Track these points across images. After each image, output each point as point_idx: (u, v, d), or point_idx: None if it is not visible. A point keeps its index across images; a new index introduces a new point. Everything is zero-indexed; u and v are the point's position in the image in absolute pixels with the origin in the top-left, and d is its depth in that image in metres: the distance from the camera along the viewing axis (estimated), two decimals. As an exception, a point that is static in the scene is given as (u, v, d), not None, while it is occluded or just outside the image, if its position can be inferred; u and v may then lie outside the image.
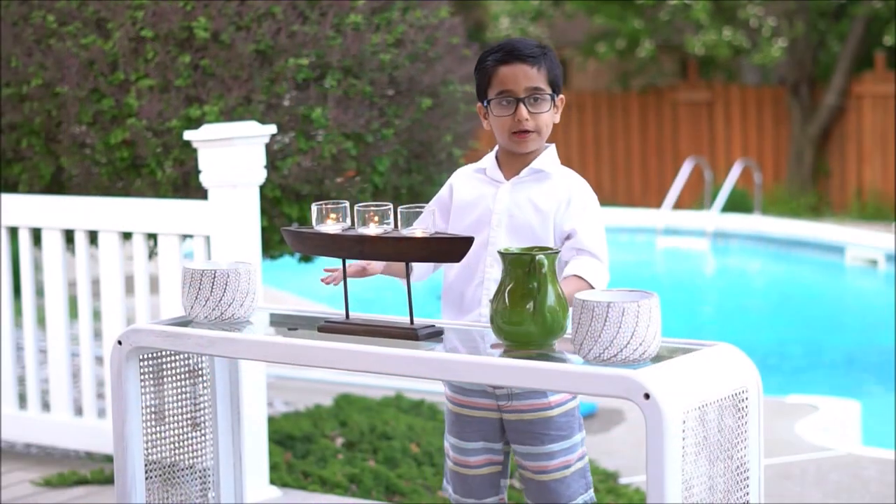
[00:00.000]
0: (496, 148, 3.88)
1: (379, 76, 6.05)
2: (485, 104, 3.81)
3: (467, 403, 3.85)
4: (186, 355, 3.87)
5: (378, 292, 8.17)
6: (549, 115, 3.78)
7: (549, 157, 3.82)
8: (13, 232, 6.22)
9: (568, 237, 3.72)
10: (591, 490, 3.84)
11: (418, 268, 3.83)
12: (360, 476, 5.67)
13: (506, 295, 3.24)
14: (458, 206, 3.86)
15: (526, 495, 3.86)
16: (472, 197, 3.83)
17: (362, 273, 3.73)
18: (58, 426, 6.00)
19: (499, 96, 3.76)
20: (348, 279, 3.63)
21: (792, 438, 6.74)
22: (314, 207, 3.57)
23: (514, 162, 3.82)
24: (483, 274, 3.76)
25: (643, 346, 3.04)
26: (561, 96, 3.82)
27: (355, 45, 5.95)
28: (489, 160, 3.87)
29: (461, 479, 3.90)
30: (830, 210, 17.26)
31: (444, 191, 3.92)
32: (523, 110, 3.73)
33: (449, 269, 3.84)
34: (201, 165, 5.31)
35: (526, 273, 3.22)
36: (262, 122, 5.73)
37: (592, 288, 3.58)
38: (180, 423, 3.89)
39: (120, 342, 3.68)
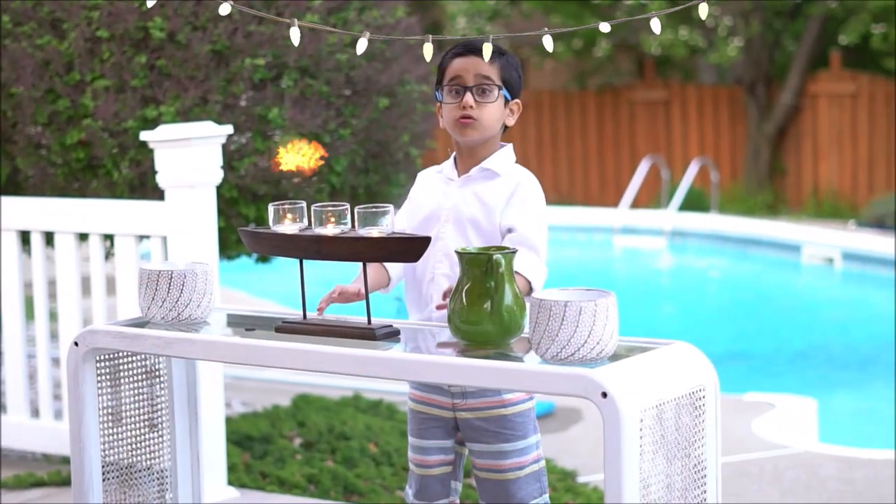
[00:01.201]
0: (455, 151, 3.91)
1: (336, 76, 6.04)
2: (437, 96, 3.84)
3: (426, 400, 3.87)
4: (143, 356, 3.86)
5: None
6: (496, 108, 3.79)
7: (501, 157, 3.83)
8: (-32, 233, 6.18)
9: (509, 230, 3.74)
10: (546, 495, 3.84)
11: (394, 269, 3.86)
12: (319, 476, 5.67)
13: (463, 294, 3.24)
14: (414, 205, 3.92)
15: (480, 496, 3.86)
16: (426, 195, 3.88)
17: (357, 298, 3.74)
18: (14, 428, 5.96)
19: (450, 83, 3.79)
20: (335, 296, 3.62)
21: (749, 436, 6.77)
22: (271, 208, 3.57)
23: (468, 161, 3.85)
24: (434, 270, 3.78)
25: (600, 344, 3.05)
26: (517, 101, 3.84)
27: (312, 44, 5.94)
28: (448, 161, 3.92)
29: (419, 480, 3.91)
30: (787, 208, 17.34)
31: (412, 191, 3.98)
32: (469, 98, 3.76)
33: (408, 268, 3.86)
34: (158, 166, 5.30)
35: (483, 272, 3.22)
36: (219, 122, 5.71)
37: (530, 283, 3.61)
38: (137, 425, 3.88)
39: (76, 343, 3.67)
